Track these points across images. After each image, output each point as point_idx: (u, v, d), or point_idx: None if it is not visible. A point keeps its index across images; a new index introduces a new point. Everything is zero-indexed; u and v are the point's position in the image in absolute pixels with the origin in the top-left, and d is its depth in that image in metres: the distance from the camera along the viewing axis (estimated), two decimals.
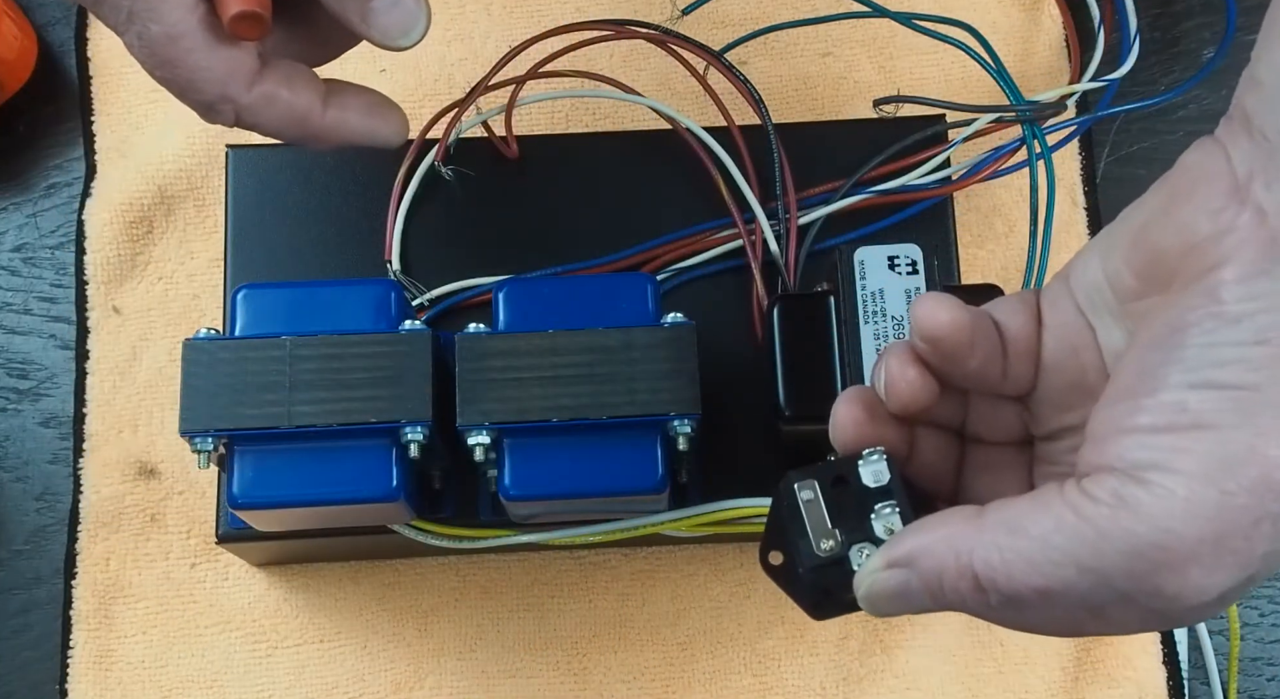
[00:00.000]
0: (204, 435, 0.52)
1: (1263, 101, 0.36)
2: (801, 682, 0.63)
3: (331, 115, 0.50)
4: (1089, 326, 0.40)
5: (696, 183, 0.61)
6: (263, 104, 0.48)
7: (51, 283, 0.68)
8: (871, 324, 0.53)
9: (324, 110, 0.50)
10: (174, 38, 0.46)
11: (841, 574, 0.41)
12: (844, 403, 0.42)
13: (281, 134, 0.50)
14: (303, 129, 0.50)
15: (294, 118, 0.49)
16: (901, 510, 0.40)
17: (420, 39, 0.49)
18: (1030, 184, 0.60)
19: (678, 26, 0.64)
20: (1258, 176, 0.36)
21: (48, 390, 0.67)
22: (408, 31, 0.49)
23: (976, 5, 0.70)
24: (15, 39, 0.68)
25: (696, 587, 0.64)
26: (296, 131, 0.50)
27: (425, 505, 0.56)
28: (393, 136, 0.52)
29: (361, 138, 0.51)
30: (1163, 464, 0.35)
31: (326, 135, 0.50)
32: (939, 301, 0.41)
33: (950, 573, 0.37)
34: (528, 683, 0.63)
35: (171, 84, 0.47)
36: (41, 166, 0.70)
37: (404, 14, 0.48)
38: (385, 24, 0.48)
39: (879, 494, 0.41)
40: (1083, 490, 0.36)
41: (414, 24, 0.49)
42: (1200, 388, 0.35)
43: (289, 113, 0.49)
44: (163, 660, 0.64)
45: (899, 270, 0.54)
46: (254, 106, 0.48)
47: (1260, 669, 0.64)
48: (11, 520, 0.66)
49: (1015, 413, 0.43)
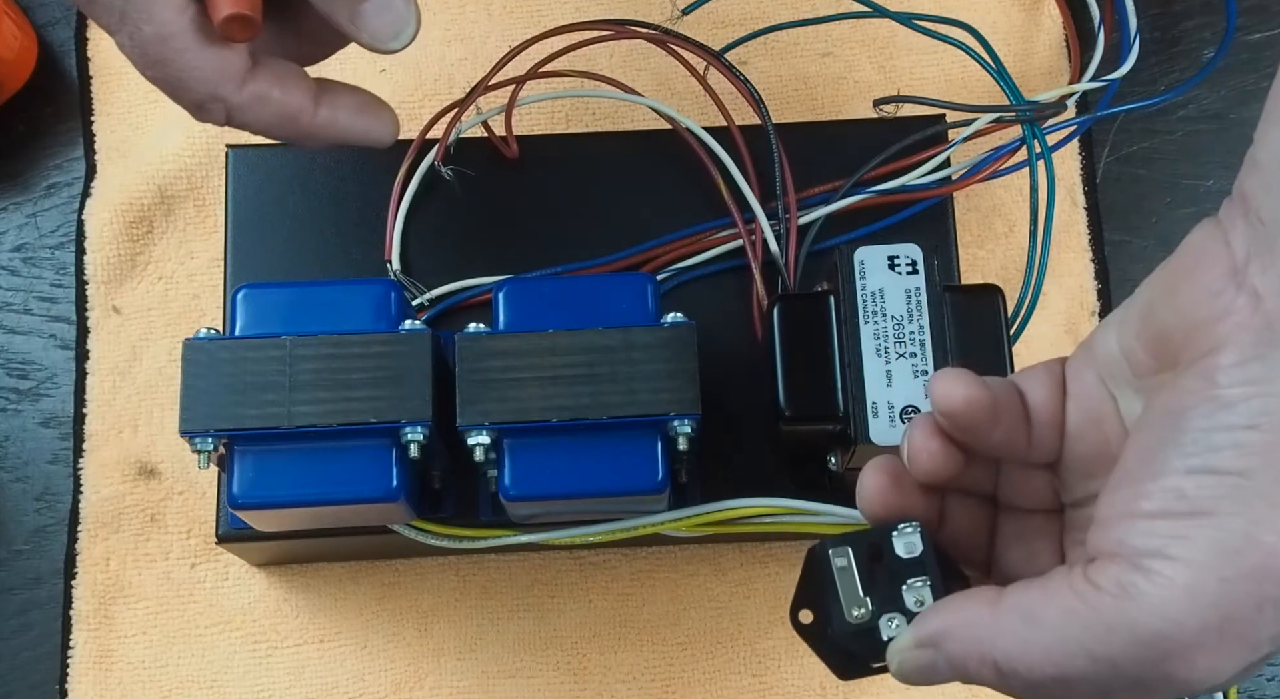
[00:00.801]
0: (204, 435, 0.52)
1: (1260, 185, 0.36)
2: (801, 682, 0.63)
3: (323, 115, 0.50)
4: (1111, 397, 0.40)
5: (696, 183, 0.61)
6: (254, 103, 0.48)
7: (51, 283, 0.68)
8: (871, 324, 0.53)
9: (315, 110, 0.50)
10: (165, 38, 0.46)
11: (871, 642, 0.41)
12: (871, 472, 0.42)
13: (272, 133, 0.50)
14: (294, 128, 0.50)
15: (285, 117, 0.49)
16: (933, 584, 0.41)
17: (410, 42, 0.49)
18: (1030, 184, 0.60)
19: (678, 26, 0.64)
20: (1255, 260, 0.36)
21: (48, 390, 0.67)
22: (398, 34, 0.49)
23: (976, 5, 0.70)
24: (15, 39, 0.68)
25: (696, 587, 0.64)
26: (287, 131, 0.50)
27: (425, 505, 0.56)
28: (384, 136, 0.52)
29: (353, 137, 0.51)
30: (1163, 551, 0.35)
31: (317, 135, 0.50)
32: (956, 379, 0.41)
33: (973, 660, 0.37)
34: (528, 683, 0.63)
35: (163, 83, 0.48)
36: (41, 166, 0.70)
37: (394, 17, 0.48)
38: (375, 27, 0.48)
39: (912, 566, 0.41)
40: (1088, 578, 0.36)
41: (404, 27, 0.49)
42: (1198, 473, 0.35)
43: (280, 112, 0.49)
44: (163, 660, 0.64)
45: (899, 270, 0.54)
46: (245, 106, 0.48)
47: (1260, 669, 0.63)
48: (11, 520, 0.66)
49: (1046, 480, 0.43)
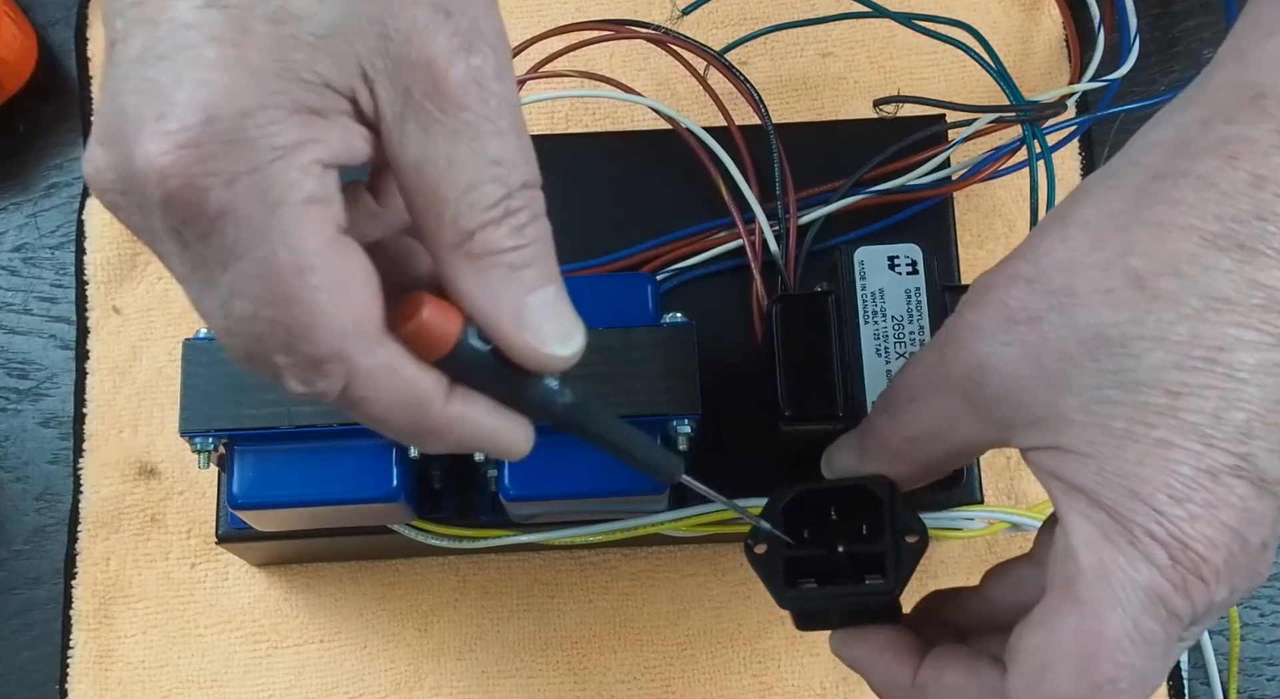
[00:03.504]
0: (204, 435, 0.52)
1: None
2: (801, 682, 0.63)
3: (455, 408, 0.38)
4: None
5: (696, 183, 0.61)
6: (382, 373, 0.37)
7: (51, 283, 0.68)
8: (871, 324, 0.53)
9: (447, 398, 0.38)
10: (304, 270, 0.35)
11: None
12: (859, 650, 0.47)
13: (388, 421, 0.38)
14: (416, 419, 0.38)
15: (411, 401, 0.38)
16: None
17: (578, 354, 0.39)
18: (1030, 184, 0.60)
19: (678, 26, 0.64)
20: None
21: (48, 390, 0.67)
22: (566, 337, 0.39)
23: (976, 5, 0.70)
24: (15, 39, 0.68)
25: (696, 587, 0.64)
26: (406, 420, 0.38)
27: (425, 505, 0.56)
28: (520, 444, 0.41)
29: (482, 440, 0.40)
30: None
31: (440, 432, 0.39)
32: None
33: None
34: (528, 683, 0.63)
35: (273, 330, 0.35)
36: (41, 166, 0.70)
37: (563, 314, 0.39)
38: (541, 325, 0.38)
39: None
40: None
41: (574, 329, 0.39)
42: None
43: (407, 393, 0.38)
44: (163, 660, 0.64)
45: (899, 270, 0.54)
46: (371, 375, 0.37)
47: (1260, 669, 0.64)
48: (11, 520, 0.66)
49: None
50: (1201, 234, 0.37)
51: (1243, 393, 0.37)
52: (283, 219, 0.34)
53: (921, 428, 0.43)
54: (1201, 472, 0.37)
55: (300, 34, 0.34)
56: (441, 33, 0.35)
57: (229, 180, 0.34)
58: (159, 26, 0.34)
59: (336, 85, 0.35)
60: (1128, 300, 0.37)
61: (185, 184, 0.33)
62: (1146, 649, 0.38)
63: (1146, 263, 0.38)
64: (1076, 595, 0.38)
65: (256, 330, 0.35)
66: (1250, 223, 0.37)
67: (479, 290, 0.37)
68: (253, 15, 0.34)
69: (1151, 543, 0.37)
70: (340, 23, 0.34)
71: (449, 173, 0.36)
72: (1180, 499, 0.37)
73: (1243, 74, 0.39)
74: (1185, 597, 0.38)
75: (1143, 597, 0.38)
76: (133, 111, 0.34)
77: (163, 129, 0.33)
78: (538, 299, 0.38)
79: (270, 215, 0.34)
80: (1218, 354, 0.37)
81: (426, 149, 0.36)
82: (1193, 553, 0.37)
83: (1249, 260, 0.37)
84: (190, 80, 0.33)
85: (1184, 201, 0.38)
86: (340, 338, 0.36)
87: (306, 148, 0.34)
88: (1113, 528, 0.38)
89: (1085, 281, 0.38)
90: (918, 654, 0.45)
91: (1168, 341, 0.37)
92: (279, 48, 0.34)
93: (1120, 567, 0.38)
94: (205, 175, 0.33)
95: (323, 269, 0.35)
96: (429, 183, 0.36)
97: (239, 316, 0.35)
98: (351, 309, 0.36)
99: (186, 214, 0.34)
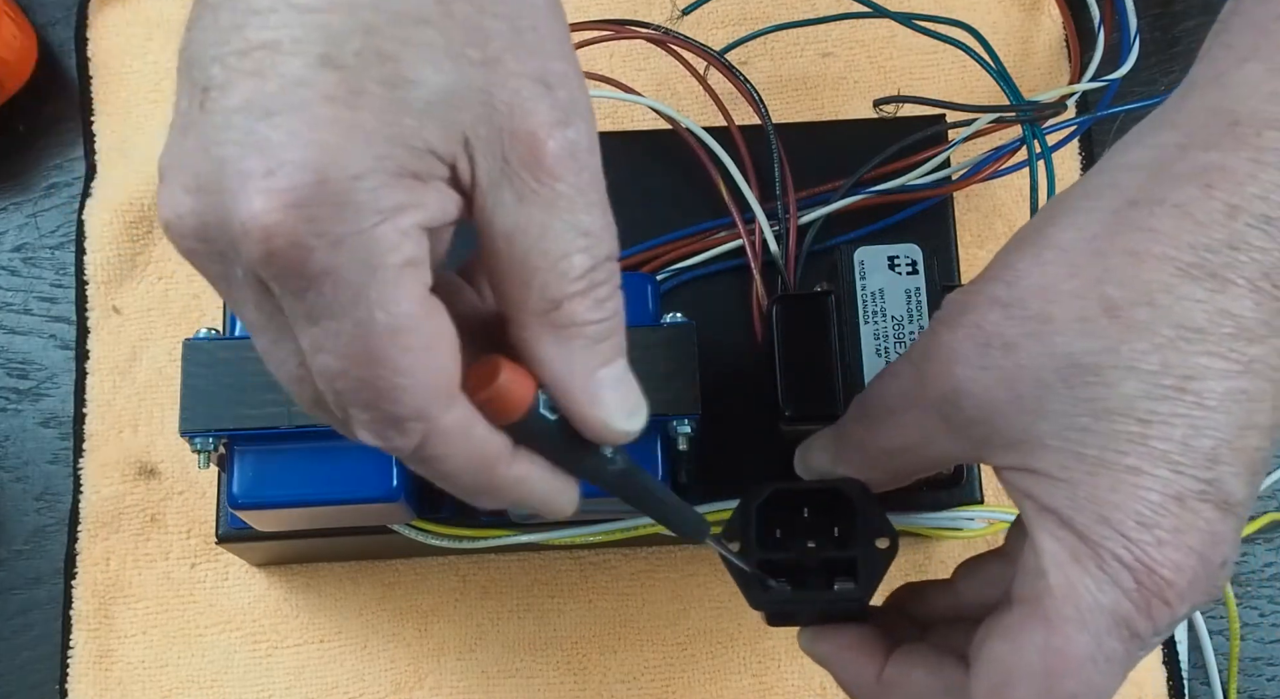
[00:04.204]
0: (204, 435, 0.52)
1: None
2: (801, 682, 0.63)
3: (518, 468, 0.39)
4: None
5: (696, 183, 0.61)
6: (458, 433, 0.37)
7: (51, 283, 0.68)
8: (871, 324, 0.53)
9: (511, 457, 0.38)
10: (398, 332, 0.35)
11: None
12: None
13: (453, 479, 0.38)
14: (484, 479, 0.38)
15: (482, 461, 0.38)
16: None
17: (641, 430, 0.39)
18: (1030, 184, 0.60)
19: (678, 26, 0.64)
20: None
21: (48, 390, 0.67)
22: (631, 412, 0.39)
23: (976, 5, 0.70)
24: (15, 39, 0.68)
25: (696, 587, 0.64)
26: (474, 480, 0.38)
27: (425, 505, 0.56)
28: (567, 504, 0.41)
29: (535, 500, 0.40)
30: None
31: (502, 491, 0.39)
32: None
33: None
34: (528, 683, 0.63)
35: (358, 388, 0.35)
36: (41, 166, 0.70)
37: (631, 390, 0.39)
38: (611, 399, 0.38)
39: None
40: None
41: (639, 406, 0.39)
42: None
43: (479, 453, 0.38)
44: (163, 660, 0.64)
45: (899, 270, 0.54)
46: (448, 433, 0.37)
47: (1260, 669, 0.64)
48: (11, 520, 0.66)
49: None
50: (1176, 264, 0.38)
51: (1210, 420, 0.38)
52: (383, 281, 0.34)
53: (898, 441, 0.44)
54: (1169, 498, 0.38)
55: (411, 99, 0.34)
56: (543, 105, 0.35)
57: (334, 242, 0.33)
58: (267, 80, 0.33)
59: (440, 152, 0.34)
60: (1102, 329, 0.38)
61: (291, 243, 0.33)
62: (1107, 667, 0.39)
63: (1122, 292, 0.38)
64: (1044, 613, 0.39)
65: (338, 386, 0.35)
66: (1223, 252, 0.38)
67: (559, 360, 0.37)
68: (367, 77, 0.33)
69: (1119, 567, 0.38)
70: (450, 90, 0.34)
71: (541, 242, 0.36)
72: (1148, 525, 0.38)
73: (1219, 100, 0.39)
74: (1148, 618, 0.39)
75: (1108, 618, 0.39)
76: (235, 164, 0.33)
77: (272, 186, 0.33)
78: (611, 373, 0.38)
79: (371, 277, 0.34)
80: (1187, 383, 0.38)
81: (519, 217, 0.36)
82: (1158, 577, 0.38)
83: (1220, 290, 0.38)
84: (304, 140, 0.33)
85: (1160, 230, 0.38)
86: (425, 398, 0.36)
87: (408, 212, 0.34)
88: (1082, 551, 0.39)
89: (1061, 309, 0.39)
90: (884, 652, 0.45)
91: (1140, 371, 0.38)
92: (391, 111, 0.34)
93: (1088, 589, 0.39)
94: (313, 236, 0.33)
95: (415, 331, 0.35)
96: (519, 250, 0.36)
97: (321, 370, 0.35)
98: (438, 371, 0.36)
99: (284, 271, 0.34)
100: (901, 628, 0.47)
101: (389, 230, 0.34)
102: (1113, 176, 0.40)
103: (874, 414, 0.44)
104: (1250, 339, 0.37)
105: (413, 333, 0.35)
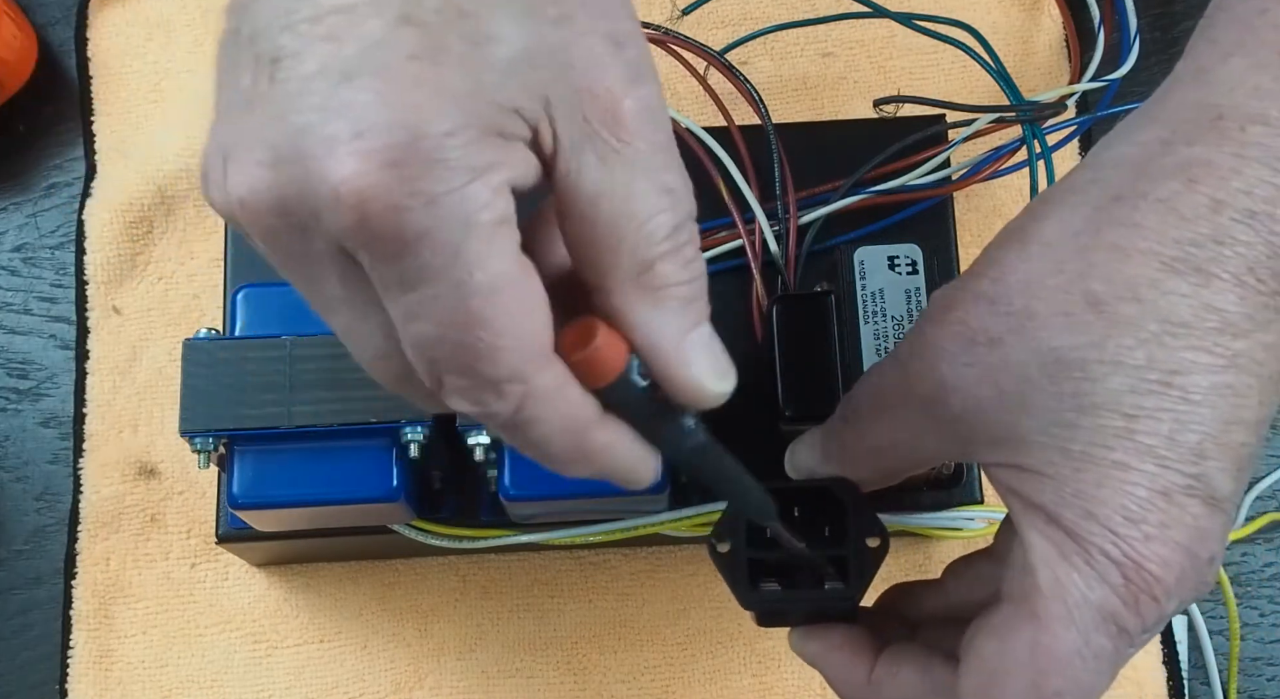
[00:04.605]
0: (204, 435, 0.52)
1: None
2: (801, 682, 0.63)
3: (605, 435, 0.38)
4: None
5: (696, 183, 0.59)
6: (554, 394, 0.36)
7: (51, 283, 0.68)
8: (871, 324, 0.53)
9: (601, 422, 0.37)
10: (495, 291, 0.34)
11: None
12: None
13: (547, 444, 0.37)
14: (576, 443, 0.37)
15: (574, 425, 0.37)
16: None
17: (730, 393, 0.39)
18: (1030, 184, 0.60)
19: (678, 26, 0.64)
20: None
21: (48, 390, 0.67)
22: (722, 374, 0.38)
23: (976, 5, 0.70)
24: (15, 39, 0.68)
25: (696, 587, 0.64)
26: (566, 444, 0.37)
27: (425, 505, 0.56)
28: (647, 474, 0.40)
29: (620, 469, 0.39)
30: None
31: (590, 457, 0.38)
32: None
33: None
34: (528, 683, 0.63)
35: (456, 352, 0.35)
36: (41, 166, 0.70)
37: (719, 354, 0.38)
38: (702, 361, 0.38)
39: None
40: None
41: (728, 368, 0.38)
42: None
43: (571, 417, 0.37)
44: (163, 660, 0.64)
45: (899, 270, 0.54)
46: (544, 396, 0.36)
47: (1260, 669, 0.64)
48: (11, 520, 0.66)
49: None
50: (1160, 258, 0.38)
51: (1196, 415, 0.38)
52: (479, 240, 0.33)
53: (885, 440, 0.43)
54: (1156, 493, 0.38)
55: (494, 57, 0.33)
56: (617, 63, 0.35)
57: (430, 201, 0.32)
58: (344, 44, 0.32)
59: (524, 111, 0.34)
60: (1087, 324, 0.38)
61: (387, 206, 0.32)
62: (1095, 664, 0.39)
63: (1106, 287, 0.38)
64: (1032, 610, 0.39)
65: (435, 353, 0.35)
66: (1207, 246, 0.37)
67: (654, 322, 0.37)
68: (449, 34, 0.33)
69: (1107, 563, 0.38)
70: (530, 47, 0.34)
71: (628, 204, 0.35)
72: (1135, 520, 0.38)
73: (1203, 95, 0.39)
74: (1136, 614, 0.38)
75: (1096, 615, 0.38)
76: (319, 129, 0.32)
77: (363, 148, 0.32)
78: (702, 335, 0.38)
79: (467, 236, 0.33)
80: (1173, 378, 0.37)
81: (604, 179, 0.35)
82: (1146, 572, 0.38)
83: (1205, 284, 0.37)
84: (390, 100, 0.32)
85: (1144, 225, 0.38)
86: (523, 359, 0.35)
87: (498, 169, 0.33)
88: (1070, 547, 0.39)
89: (1045, 304, 0.39)
90: (874, 652, 0.46)
91: (1125, 366, 0.38)
92: (475, 69, 0.33)
93: (1075, 585, 0.39)
94: (409, 196, 0.32)
95: (511, 290, 0.34)
96: (605, 213, 0.35)
97: (416, 339, 0.35)
98: (536, 331, 0.35)
99: (378, 236, 0.33)
100: (892, 628, 0.47)
101: (481, 188, 0.33)
102: (1097, 172, 0.40)
103: (861, 413, 0.44)
104: (1235, 334, 0.37)
105: (510, 292, 0.34)
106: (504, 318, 0.34)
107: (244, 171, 0.33)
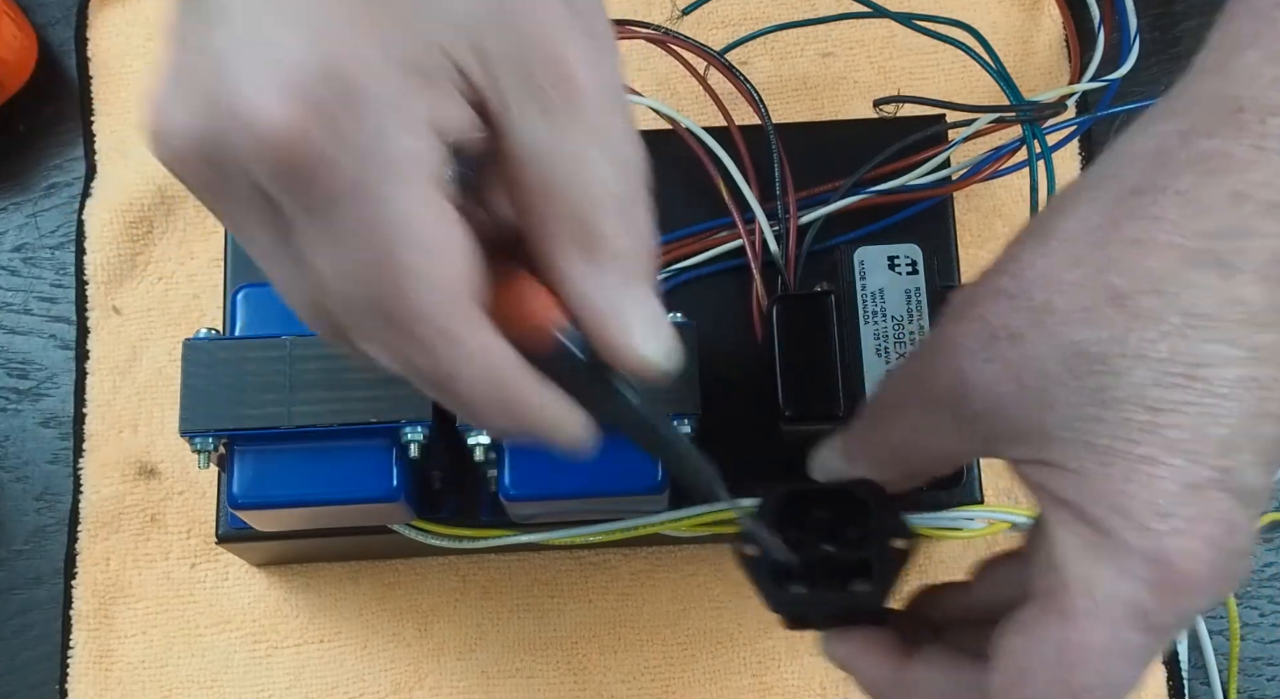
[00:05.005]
0: (204, 435, 0.52)
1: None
2: (801, 682, 0.63)
3: (537, 395, 0.37)
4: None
5: (696, 183, 0.61)
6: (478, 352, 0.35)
7: (51, 283, 0.68)
8: (871, 324, 0.53)
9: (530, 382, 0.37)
10: (412, 232, 0.34)
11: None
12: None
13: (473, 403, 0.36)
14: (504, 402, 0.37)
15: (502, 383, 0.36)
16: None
17: (673, 371, 0.38)
18: (1030, 184, 0.60)
19: (678, 26, 0.64)
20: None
21: (48, 390, 0.67)
22: (668, 352, 0.37)
23: (976, 5, 0.70)
24: (15, 39, 0.68)
25: (696, 587, 0.64)
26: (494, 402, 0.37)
27: (425, 505, 0.56)
28: (578, 438, 0.39)
29: (548, 432, 0.38)
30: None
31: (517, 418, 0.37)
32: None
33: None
34: (528, 683, 0.63)
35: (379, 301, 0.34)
36: (41, 166, 0.70)
37: (666, 331, 0.37)
38: (644, 335, 0.37)
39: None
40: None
41: (674, 345, 0.38)
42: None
43: (499, 375, 0.36)
44: (163, 660, 0.64)
45: (899, 270, 0.54)
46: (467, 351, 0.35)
47: (1260, 669, 0.64)
48: (11, 520, 0.66)
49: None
50: (1181, 251, 0.37)
51: (1223, 408, 0.37)
52: (396, 182, 0.33)
53: (908, 439, 0.43)
54: (1185, 487, 0.37)
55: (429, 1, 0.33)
56: (567, 21, 0.34)
57: (347, 139, 0.32)
58: None
59: (449, 50, 0.33)
60: (1108, 318, 0.38)
61: (304, 143, 0.31)
62: (1126, 659, 0.39)
63: (1127, 280, 0.38)
64: (1060, 606, 0.39)
65: (353, 298, 0.34)
66: (1229, 238, 0.37)
67: (589, 284, 0.36)
68: None
69: (1136, 558, 0.38)
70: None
71: (571, 162, 0.35)
72: (1165, 515, 0.37)
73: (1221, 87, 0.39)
74: (1167, 609, 0.38)
75: (1126, 610, 0.38)
76: (235, 64, 0.31)
77: (278, 83, 0.31)
78: (642, 301, 0.37)
79: (384, 176, 0.32)
80: (1197, 370, 0.37)
81: (552, 141, 0.34)
82: (1176, 568, 0.37)
83: (1228, 276, 0.37)
84: (308, 32, 0.31)
85: (1164, 218, 0.38)
86: (444, 310, 0.34)
87: (419, 109, 0.33)
88: (1098, 542, 0.38)
89: (1065, 299, 0.38)
90: (904, 653, 0.45)
91: (1148, 359, 0.37)
92: (406, 9, 0.32)
93: (1105, 581, 0.38)
94: (328, 134, 0.32)
95: (431, 236, 0.33)
96: (552, 175, 0.35)
97: (336, 285, 0.34)
98: (454, 278, 0.34)
99: (297, 175, 0.32)
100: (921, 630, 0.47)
101: (400, 129, 0.32)
102: (1115, 166, 0.40)
103: (883, 412, 0.44)
104: (1259, 326, 0.37)
105: (430, 238, 0.33)
106: (422, 264, 0.33)
107: (161, 106, 0.33)
